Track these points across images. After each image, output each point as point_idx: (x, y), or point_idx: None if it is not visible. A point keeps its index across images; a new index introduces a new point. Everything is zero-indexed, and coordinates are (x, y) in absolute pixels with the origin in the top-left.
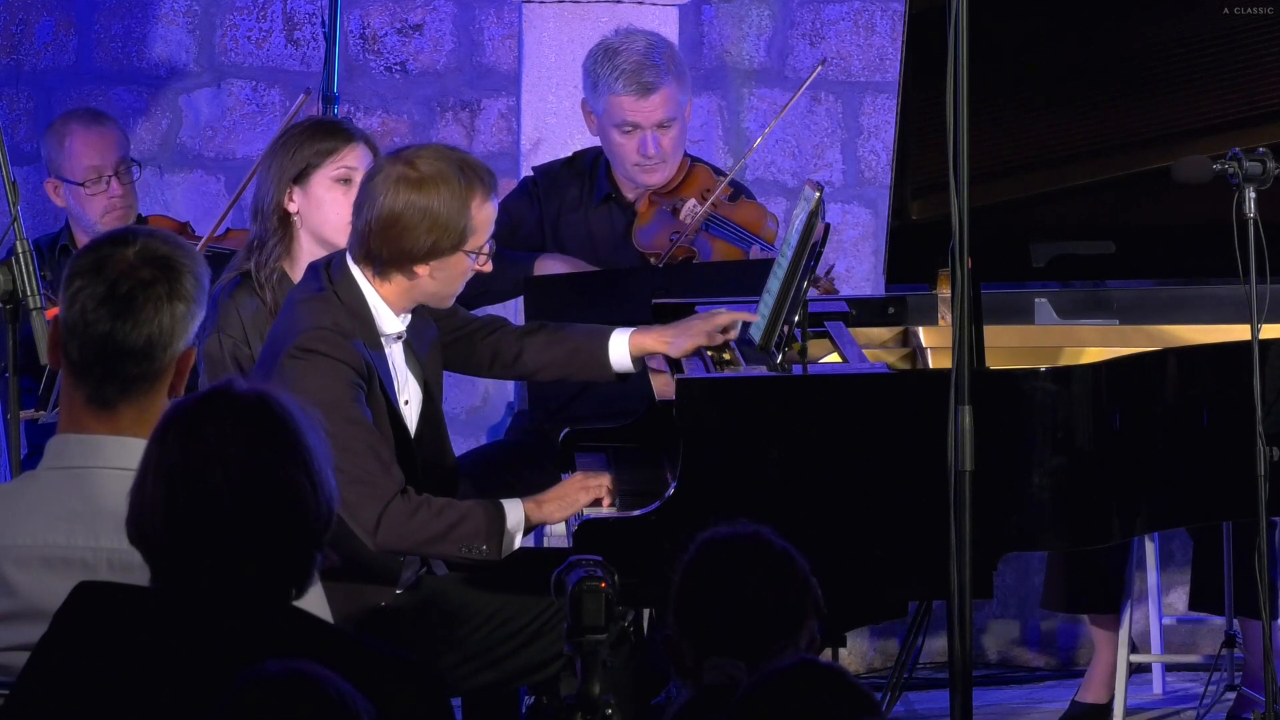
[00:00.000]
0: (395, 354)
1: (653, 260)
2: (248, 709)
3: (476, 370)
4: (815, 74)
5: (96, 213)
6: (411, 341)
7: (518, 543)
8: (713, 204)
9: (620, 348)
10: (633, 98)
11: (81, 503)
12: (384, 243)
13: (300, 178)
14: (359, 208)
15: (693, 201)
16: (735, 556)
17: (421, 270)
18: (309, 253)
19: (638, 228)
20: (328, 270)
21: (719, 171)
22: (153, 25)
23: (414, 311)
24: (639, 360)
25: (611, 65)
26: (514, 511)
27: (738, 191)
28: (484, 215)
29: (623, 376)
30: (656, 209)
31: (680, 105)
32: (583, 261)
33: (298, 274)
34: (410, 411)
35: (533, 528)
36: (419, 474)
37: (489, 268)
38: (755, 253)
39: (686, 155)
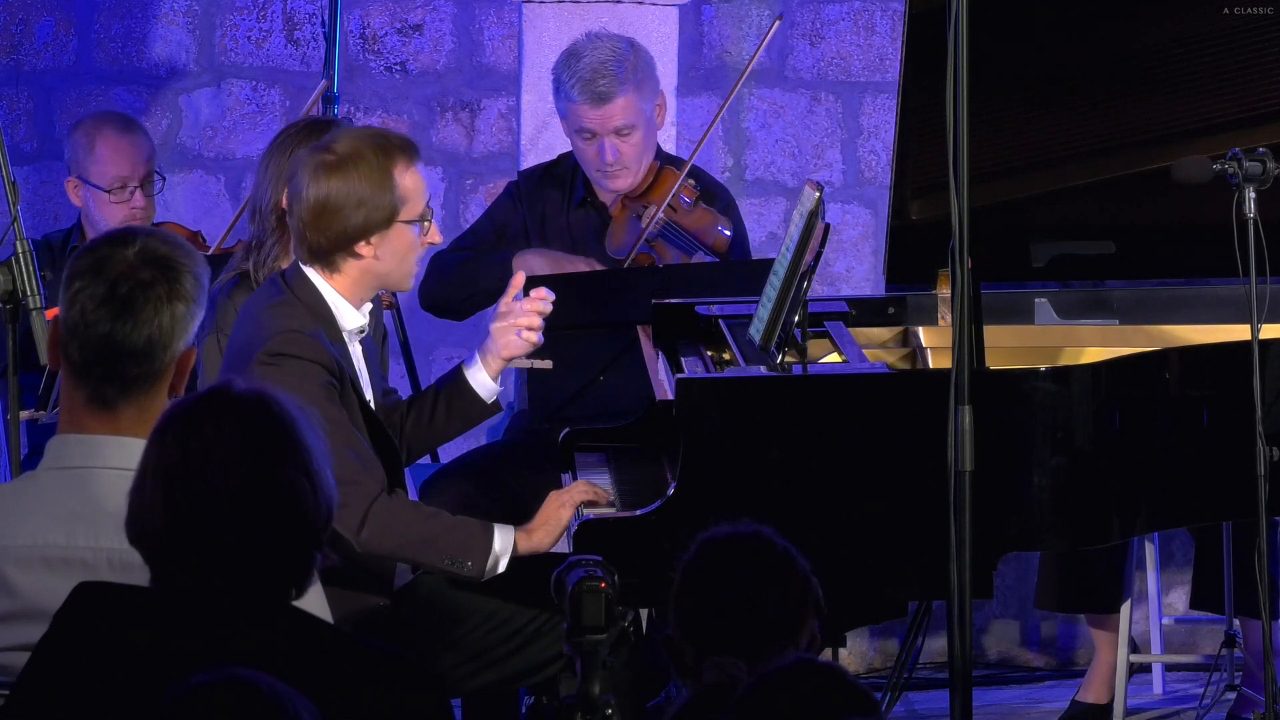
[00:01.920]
0: (356, 352)
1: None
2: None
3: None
4: (773, 31)
5: (115, 220)
6: (366, 343)
7: (502, 566)
8: (670, 207)
9: (479, 374)
10: (587, 105)
11: (82, 503)
12: (319, 232)
13: None
14: (290, 207)
15: (654, 207)
16: (735, 556)
17: (365, 250)
18: None
19: (609, 233)
20: (283, 278)
21: (681, 165)
22: (153, 25)
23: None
24: (496, 377)
25: (570, 71)
26: (504, 535)
27: (701, 196)
28: (409, 182)
29: (495, 406)
30: (627, 214)
31: (643, 113)
32: (564, 254)
33: None
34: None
35: (520, 555)
36: (400, 468)
37: (438, 239)
38: (699, 260)
39: (658, 158)
